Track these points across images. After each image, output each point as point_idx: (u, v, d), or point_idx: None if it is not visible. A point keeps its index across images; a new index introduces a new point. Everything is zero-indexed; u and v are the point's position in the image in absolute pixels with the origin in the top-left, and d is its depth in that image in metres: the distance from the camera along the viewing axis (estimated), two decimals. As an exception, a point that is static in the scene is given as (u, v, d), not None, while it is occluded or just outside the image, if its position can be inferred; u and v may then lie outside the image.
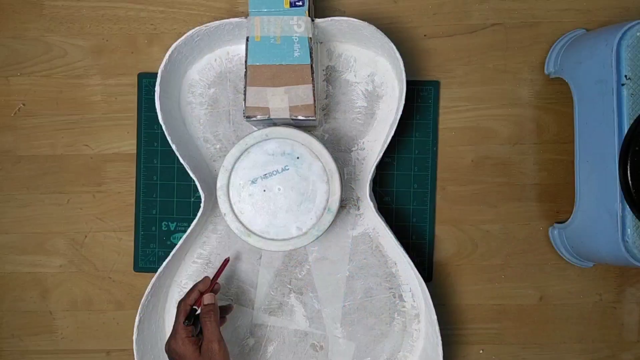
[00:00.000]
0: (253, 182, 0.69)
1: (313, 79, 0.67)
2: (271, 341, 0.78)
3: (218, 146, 0.78)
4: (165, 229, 0.79)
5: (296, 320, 0.78)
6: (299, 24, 0.67)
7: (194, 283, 0.69)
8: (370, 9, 0.78)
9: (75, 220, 0.79)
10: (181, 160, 0.71)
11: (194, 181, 0.72)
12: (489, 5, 0.78)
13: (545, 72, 0.78)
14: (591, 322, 0.79)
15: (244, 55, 0.68)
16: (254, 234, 0.69)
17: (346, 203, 0.78)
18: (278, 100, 0.68)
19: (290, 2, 0.67)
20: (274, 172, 0.69)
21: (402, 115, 0.71)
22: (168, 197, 0.79)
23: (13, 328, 0.80)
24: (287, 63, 0.67)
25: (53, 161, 0.79)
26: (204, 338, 0.65)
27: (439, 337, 0.71)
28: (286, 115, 0.68)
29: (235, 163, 0.69)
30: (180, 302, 0.67)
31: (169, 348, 0.65)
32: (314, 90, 0.67)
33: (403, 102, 0.70)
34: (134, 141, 0.79)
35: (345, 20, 0.70)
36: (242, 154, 0.69)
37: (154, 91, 0.70)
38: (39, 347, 0.80)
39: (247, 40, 0.68)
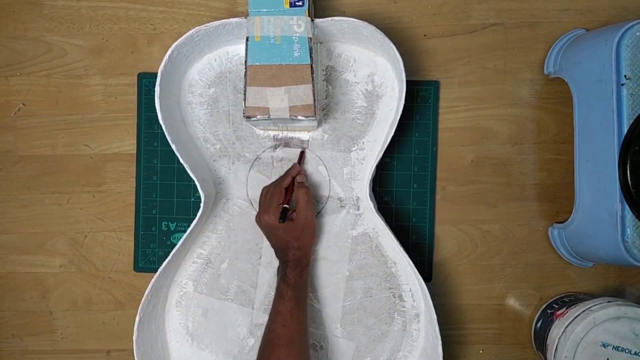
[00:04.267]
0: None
1: (313, 79, 0.67)
2: (271, 341, 0.78)
3: (218, 146, 0.78)
4: (165, 229, 0.79)
5: (296, 320, 0.78)
6: (298, 24, 0.67)
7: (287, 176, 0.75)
8: (370, 9, 0.78)
9: (75, 220, 0.79)
10: (181, 160, 0.71)
11: (194, 181, 0.72)
12: (488, 5, 0.78)
13: (545, 72, 0.78)
14: (591, 322, 0.79)
15: (244, 55, 0.68)
16: None
17: (346, 203, 0.78)
18: (278, 100, 0.67)
19: (290, 2, 0.67)
20: None
21: (402, 115, 0.70)
22: (168, 197, 0.79)
23: (13, 328, 0.80)
24: (287, 63, 0.67)
25: (53, 161, 0.79)
26: (298, 208, 0.72)
27: (439, 337, 0.71)
28: (286, 115, 0.68)
29: None
30: (269, 186, 0.74)
31: (261, 220, 0.72)
32: (313, 90, 0.67)
33: (403, 102, 0.70)
34: (134, 141, 0.79)
35: (345, 20, 0.70)
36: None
37: (154, 91, 0.70)
38: (39, 347, 0.80)
39: (247, 40, 0.68)
